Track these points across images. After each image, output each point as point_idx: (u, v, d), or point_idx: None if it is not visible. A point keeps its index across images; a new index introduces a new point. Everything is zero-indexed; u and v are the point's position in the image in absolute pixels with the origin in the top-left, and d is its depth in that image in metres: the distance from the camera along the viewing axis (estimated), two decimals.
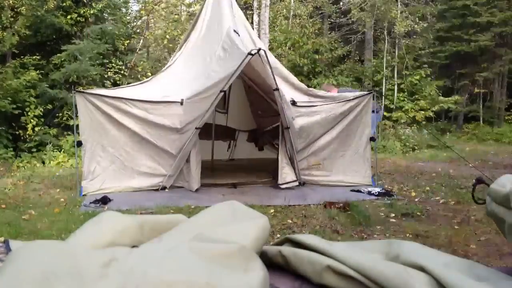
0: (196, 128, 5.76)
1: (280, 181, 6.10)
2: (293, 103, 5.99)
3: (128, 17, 14.69)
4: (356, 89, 11.92)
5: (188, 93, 5.78)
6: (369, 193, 5.98)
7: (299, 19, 15.50)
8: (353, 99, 6.35)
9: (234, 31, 6.26)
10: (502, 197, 1.06)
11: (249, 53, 5.31)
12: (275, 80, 5.56)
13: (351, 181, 6.44)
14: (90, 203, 5.15)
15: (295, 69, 13.82)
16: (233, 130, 8.58)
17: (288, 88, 6.41)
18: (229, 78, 5.53)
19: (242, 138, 8.71)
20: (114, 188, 5.74)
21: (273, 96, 5.85)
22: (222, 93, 5.69)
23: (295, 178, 6.14)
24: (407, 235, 4.24)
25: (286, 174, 6.13)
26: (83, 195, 5.56)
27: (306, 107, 6.12)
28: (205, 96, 5.67)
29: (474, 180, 1.49)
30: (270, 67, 5.52)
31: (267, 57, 5.51)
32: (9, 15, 9.65)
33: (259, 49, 5.39)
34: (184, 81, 6.30)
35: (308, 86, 8.00)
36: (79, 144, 5.68)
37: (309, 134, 6.16)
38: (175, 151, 5.83)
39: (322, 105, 6.22)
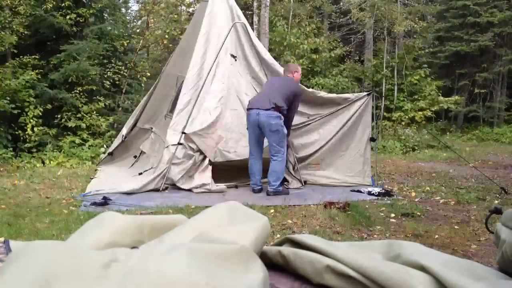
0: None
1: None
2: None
3: (128, 17, 14.66)
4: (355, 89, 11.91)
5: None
6: (369, 193, 5.98)
7: (299, 19, 15.46)
8: (352, 102, 6.37)
9: (231, 55, 6.32)
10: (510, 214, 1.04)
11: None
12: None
13: (351, 181, 6.45)
14: (90, 203, 5.15)
15: None
16: None
17: None
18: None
19: None
20: (115, 189, 5.74)
21: None
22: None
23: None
24: (407, 235, 4.24)
25: None
26: (83, 195, 5.56)
27: (303, 126, 6.30)
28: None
29: (490, 209, 1.45)
30: None
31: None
32: (8, 15, 9.63)
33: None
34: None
35: (307, 86, 7.97)
36: None
37: (308, 146, 6.37)
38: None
39: (320, 119, 6.34)
